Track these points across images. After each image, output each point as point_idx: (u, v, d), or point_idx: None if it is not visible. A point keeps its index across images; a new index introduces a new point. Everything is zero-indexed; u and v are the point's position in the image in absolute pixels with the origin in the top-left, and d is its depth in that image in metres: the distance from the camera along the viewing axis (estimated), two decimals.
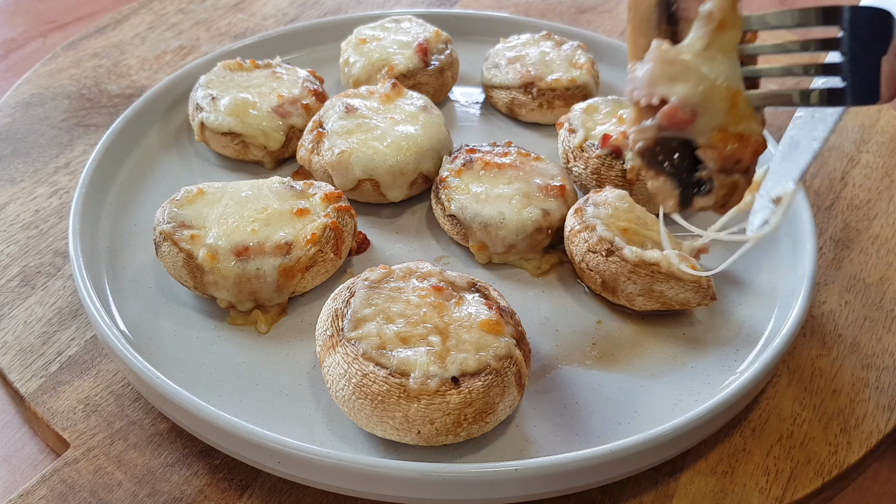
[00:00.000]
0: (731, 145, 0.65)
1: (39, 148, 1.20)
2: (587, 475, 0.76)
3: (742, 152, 0.66)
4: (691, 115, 0.65)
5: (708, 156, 0.67)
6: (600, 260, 0.93)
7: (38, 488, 0.78)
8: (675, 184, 0.70)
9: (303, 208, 0.95)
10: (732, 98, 0.65)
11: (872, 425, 0.87)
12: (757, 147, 0.67)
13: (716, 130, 0.66)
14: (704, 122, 0.66)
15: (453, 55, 1.29)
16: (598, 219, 0.95)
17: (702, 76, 0.65)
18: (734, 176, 0.67)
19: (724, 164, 0.66)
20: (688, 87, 0.65)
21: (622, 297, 0.93)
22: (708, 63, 0.66)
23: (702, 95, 0.65)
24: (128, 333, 0.90)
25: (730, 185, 0.67)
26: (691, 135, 0.67)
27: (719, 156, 0.66)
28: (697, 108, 0.65)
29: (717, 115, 0.65)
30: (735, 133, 0.66)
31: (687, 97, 0.65)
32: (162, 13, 1.55)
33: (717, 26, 0.66)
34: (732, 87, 0.66)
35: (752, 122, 0.67)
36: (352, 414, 0.78)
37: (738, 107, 0.66)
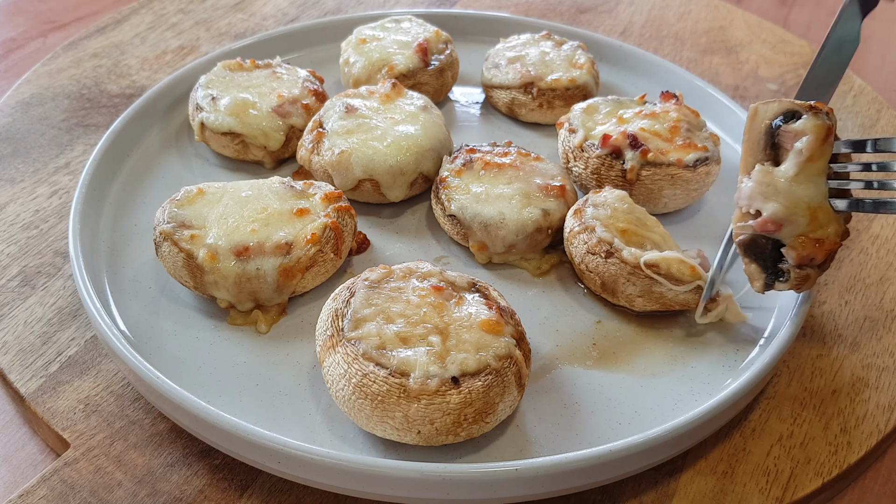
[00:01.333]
0: (808, 249, 0.84)
1: (39, 148, 1.20)
2: (587, 475, 0.76)
3: (816, 252, 0.84)
4: (777, 226, 0.84)
5: (789, 254, 0.84)
6: (599, 261, 0.93)
7: (38, 488, 0.78)
8: (762, 270, 0.87)
9: (303, 208, 0.95)
10: (813, 213, 0.83)
11: (872, 425, 0.87)
12: (831, 247, 0.84)
13: (797, 236, 0.84)
14: (788, 231, 0.84)
15: (453, 55, 1.29)
16: (597, 220, 0.95)
17: (789, 197, 0.84)
18: (807, 270, 0.85)
19: (801, 261, 0.84)
20: (776, 206, 0.84)
21: (622, 298, 0.93)
22: (797, 186, 0.84)
23: (786, 212, 0.83)
24: (128, 333, 0.90)
25: (803, 277, 0.85)
26: (779, 237, 0.85)
27: (797, 255, 0.84)
28: (783, 221, 0.83)
29: (798, 227, 0.84)
30: (813, 238, 0.83)
31: (775, 213, 0.84)
32: (162, 13, 1.55)
33: (806, 159, 0.83)
34: (814, 204, 0.83)
35: (830, 226, 0.84)
36: (352, 414, 0.78)
37: (817, 219, 0.83)
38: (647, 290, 0.91)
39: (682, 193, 1.05)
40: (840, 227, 0.84)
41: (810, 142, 0.83)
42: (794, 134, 0.84)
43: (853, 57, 1.02)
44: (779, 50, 1.51)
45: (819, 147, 0.84)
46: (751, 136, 0.89)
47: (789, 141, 0.85)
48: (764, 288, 0.87)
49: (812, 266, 0.84)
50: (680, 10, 1.64)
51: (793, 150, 0.84)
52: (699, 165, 1.04)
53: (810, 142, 0.83)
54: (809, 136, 0.83)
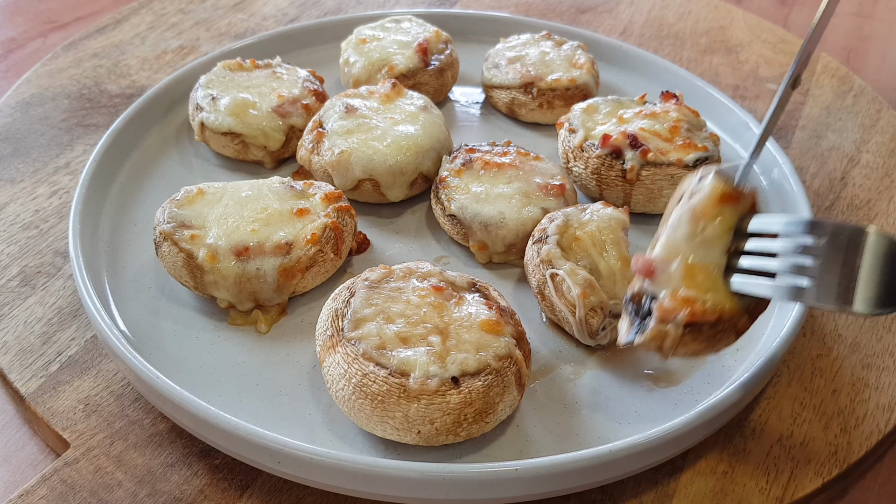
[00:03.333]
0: (674, 303, 0.78)
1: (39, 148, 1.20)
2: (587, 475, 0.76)
3: (680, 308, 0.77)
4: (649, 269, 0.79)
5: (655, 306, 0.79)
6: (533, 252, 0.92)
7: (38, 488, 0.78)
8: (630, 324, 0.82)
9: (303, 208, 0.95)
10: (690, 270, 0.78)
11: (872, 425, 0.87)
12: (700, 313, 0.77)
13: (671, 291, 0.78)
14: (661, 280, 0.79)
15: (453, 55, 1.29)
16: (555, 222, 0.94)
17: (670, 245, 0.79)
18: (666, 326, 0.78)
19: (663, 314, 0.78)
20: (660, 251, 0.80)
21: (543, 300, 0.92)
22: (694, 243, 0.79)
23: (663, 260, 0.79)
24: (128, 333, 0.90)
25: (660, 332, 0.78)
26: (655, 289, 0.80)
27: (660, 307, 0.78)
28: (657, 265, 0.79)
29: (671, 279, 0.79)
30: (683, 297, 0.78)
31: (656, 257, 0.80)
32: (162, 13, 1.55)
33: (693, 214, 0.79)
34: (695, 263, 0.79)
35: (710, 294, 0.78)
36: (352, 414, 0.78)
37: (694, 279, 0.78)
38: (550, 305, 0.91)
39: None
40: (728, 305, 0.78)
41: (702, 195, 0.79)
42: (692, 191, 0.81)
43: (853, 57, 1.01)
44: (779, 50, 1.51)
45: (711, 204, 0.79)
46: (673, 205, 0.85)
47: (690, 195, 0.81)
48: (624, 342, 0.82)
49: (675, 324, 0.77)
50: (680, 10, 1.64)
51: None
52: (699, 165, 1.04)
53: (702, 195, 0.79)
54: (703, 191, 0.79)
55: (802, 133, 1.30)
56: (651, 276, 0.80)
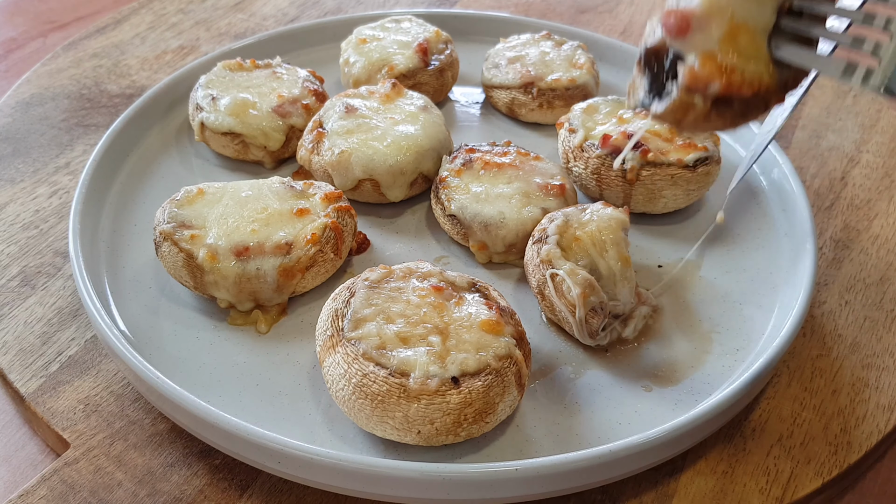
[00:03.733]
0: (707, 68, 0.65)
1: (39, 148, 1.20)
2: (587, 475, 0.76)
3: (716, 76, 0.65)
4: (685, 25, 0.65)
5: (683, 70, 0.67)
6: (533, 250, 0.92)
7: (38, 488, 0.78)
8: (648, 84, 0.70)
9: (303, 208, 0.95)
10: (733, 29, 0.65)
11: (872, 425, 0.87)
12: (736, 85, 0.65)
13: (704, 53, 0.65)
14: (696, 41, 0.66)
15: (453, 55, 1.29)
16: (555, 223, 0.93)
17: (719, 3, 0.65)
18: (695, 98, 0.66)
19: (693, 83, 0.66)
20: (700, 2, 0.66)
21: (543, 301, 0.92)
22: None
23: (704, 15, 0.65)
24: (128, 333, 0.90)
25: (685, 103, 0.67)
26: (684, 49, 0.66)
27: (690, 73, 0.66)
28: (693, 20, 0.65)
29: (709, 39, 0.65)
30: (720, 62, 0.65)
31: (691, 10, 0.65)
32: (162, 13, 1.55)
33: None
34: (740, 20, 0.65)
35: (752, 63, 0.66)
36: (352, 414, 0.78)
37: (736, 40, 0.65)
38: (542, 289, 0.91)
39: (682, 193, 1.05)
40: (766, 78, 0.66)
41: None
42: None
43: None
44: None
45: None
46: None
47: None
48: (637, 104, 0.71)
49: (705, 96, 0.66)
50: None
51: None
52: (699, 165, 1.04)
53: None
54: None
55: (802, 133, 1.30)
56: (685, 33, 0.66)
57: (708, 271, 1.01)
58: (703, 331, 0.94)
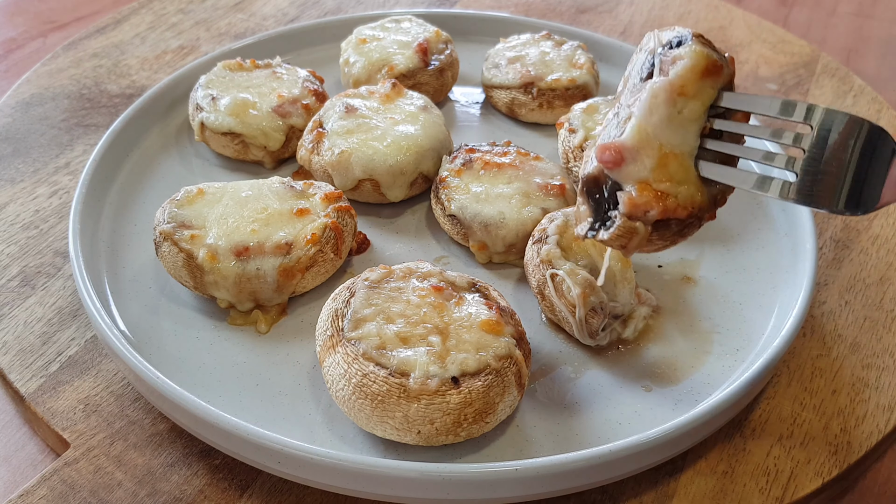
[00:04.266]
0: (644, 196, 0.70)
1: (39, 148, 1.20)
2: (587, 475, 0.76)
3: (653, 204, 0.70)
4: (618, 157, 0.71)
5: (622, 199, 0.72)
6: (534, 252, 0.92)
7: (38, 488, 0.78)
8: (592, 213, 0.75)
9: (303, 208, 0.95)
10: (663, 158, 0.70)
11: (872, 425, 0.87)
12: (672, 209, 0.70)
13: (639, 182, 0.71)
14: (630, 171, 0.71)
15: (453, 55, 1.29)
16: (556, 222, 0.93)
17: (648, 135, 0.71)
18: (636, 223, 0.71)
19: (632, 210, 0.71)
20: (630, 137, 0.71)
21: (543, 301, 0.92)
22: (662, 124, 0.71)
23: (635, 147, 0.71)
24: (128, 333, 0.90)
25: (628, 229, 0.72)
26: (620, 179, 0.72)
27: (629, 201, 0.71)
28: (626, 153, 0.71)
29: (641, 169, 0.71)
30: (655, 190, 0.70)
31: (623, 143, 0.71)
32: (162, 13, 1.55)
33: (675, 90, 0.71)
34: (668, 149, 0.70)
35: (684, 186, 0.71)
36: (352, 414, 0.78)
37: (667, 168, 0.70)
38: (550, 306, 0.91)
39: None
40: (699, 198, 0.71)
41: (683, 68, 0.70)
42: (671, 59, 0.71)
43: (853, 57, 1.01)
44: (779, 50, 1.51)
45: (693, 79, 0.70)
46: (633, 65, 0.77)
47: (666, 67, 0.72)
48: (585, 233, 0.75)
49: (645, 221, 0.70)
50: (680, 10, 1.64)
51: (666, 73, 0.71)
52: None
53: (683, 68, 0.70)
54: (684, 60, 0.70)
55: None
56: (619, 165, 0.71)
57: (708, 271, 1.01)
58: (703, 331, 0.94)
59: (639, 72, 0.76)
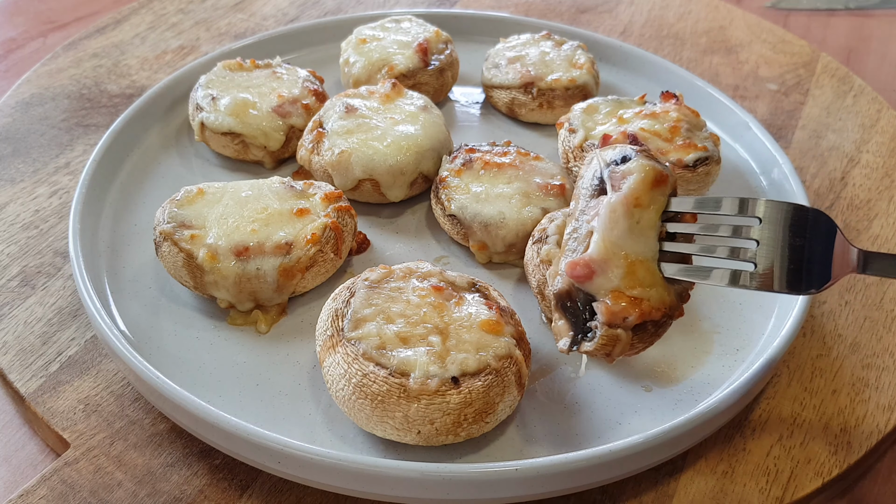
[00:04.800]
0: (620, 305, 0.75)
1: (39, 148, 1.20)
2: (587, 475, 0.76)
3: (629, 310, 0.75)
4: (588, 272, 0.76)
5: (599, 309, 0.76)
6: (533, 251, 0.92)
7: (38, 488, 0.78)
8: (571, 327, 0.79)
9: (303, 208, 0.95)
10: (631, 267, 0.76)
11: (872, 425, 0.87)
12: (648, 312, 0.75)
13: (612, 291, 0.76)
14: (601, 283, 0.76)
15: (453, 55, 1.29)
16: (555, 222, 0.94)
17: (613, 247, 0.76)
18: (617, 331, 0.75)
19: (611, 319, 0.75)
20: (596, 251, 0.77)
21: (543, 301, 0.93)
22: (624, 235, 0.77)
23: (602, 260, 0.76)
24: (128, 333, 0.90)
25: (611, 337, 0.76)
26: (592, 291, 0.77)
27: (607, 311, 0.75)
28: (595, 266, 0.76)
29: (611, 279, 0.76)
30: (629, 296, 0.75)
31: (591, 258, 0.77)
32: (162, 13, 1.55)
33: (630, 202, 0.77)
34: (634, 257, 0.76)
35: (654, 289, 0.76)
36: (352, 414, 0.78)
37: (635, 275, 0.76)
38: (542, 289, 0.90)
39: (682, 193, 1.05)
40: (668, 298, 0.77)
41: (635, 181, 0.77)
42: (621, 175, 0.79)
43: (853, 57, 1.01)
44: (779, 50, 1.51)
45: (645, 191, 0.77)
46: (582, 181, 0.84)
47: (617, 183, 0.79)
48: (569, 346, 0.78)
49: (625, 327, 0.75)
50: (680, 10, 1.64)
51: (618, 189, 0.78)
52: (699, 165, 1.04)
53: (635, 181, 0.77)
54: (634, 175, 0.78)
55: (802, 133, 1.30)
56: (590, 278, 0.76)
57: None
58: (703, 331, 0.94)
59: (588, 188, 0.82)
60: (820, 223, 0.76)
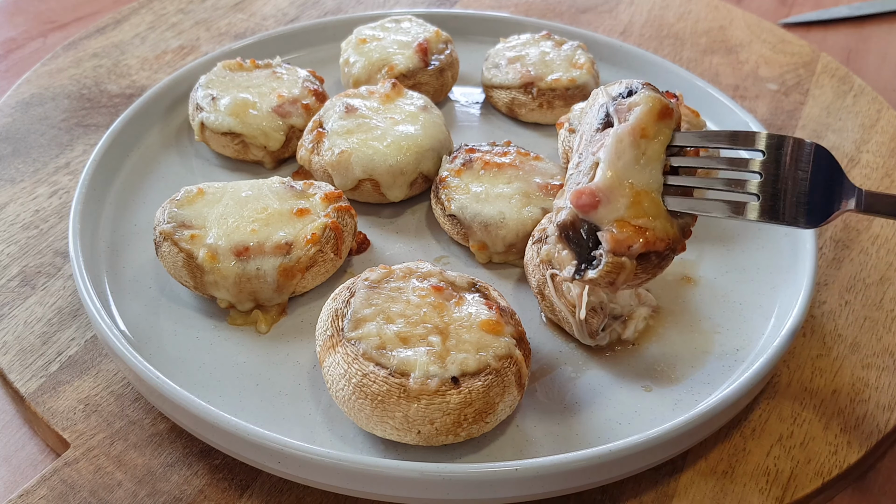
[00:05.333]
0: (625, 232, 0.75)
1: (39, 148, 1.20)
2: (587, 475, 0.76)
3: (634, 238, 0.75)
4: (593, 201, 0.76)
5: (604, 238, 0.76)
6: (534, 250, 0.92)
7: (38, 488, 0.78)
8: (575, 256, 0.79)
9: (303, 208, 0.95)
10: (636, 196, 0.76)
11: (872, 425, 0.87)
12: (652, 241, 0.75)
13: (617, 220, 0.76)
14: (606, 212, 0.76)
15: (453, 55, 1.29)
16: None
17: (619, 176, 0.76)
18: (622, 258, 0.75)
19: (616, 247, 0.75)
20: (602, 180, 0.77)
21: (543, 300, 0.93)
22: (629, 165, 0.77)
23: (609, 189, 0.76)
24: (128, 333, 0.90)
25: (615, 265, 0.76)
26: (597, 220, 0.77)
27: (612, 239, 0.75)
28: (601, 196, 0.76)
29: (617, 209, 0.76)
30: (634, 225, 0.75)
31: (597, 187, 0.76)
32: (162, 13, 1.55)
33: (637, 132, 0.77)
34: (639, 187, 0.76)
35: (658, 220, 0.76)
36: (352, 414, 0.78)
37: (641, 205, 0.76)
38: (550, 306, 0.91)
39: None
40: (671, 230, 0.77)
41: (641, 112, 0.78)
42: (627, 107, 0.79)
43: (853, 57, 1.02)
44: (779, 50, 1.51)
45: (652, 122, 0.78)
46: (586, 116, 0.84)
47: (622, 115, 0.79)
48: (573, 275, 0.79)
49: (629, 256, 0.76)
50: (680, 10, 1.64)
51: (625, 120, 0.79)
52: None
53: (641, 112, 0.78)
54: (641, 106, 0.78)
55: (802, 133, 1.30)
56: (596, 207, 0.76)
57: (708, 271, 1.01)
58: (703, 331, 0.94)
59: (593, 123, 0.82)
60: (822, 157, 0.76)
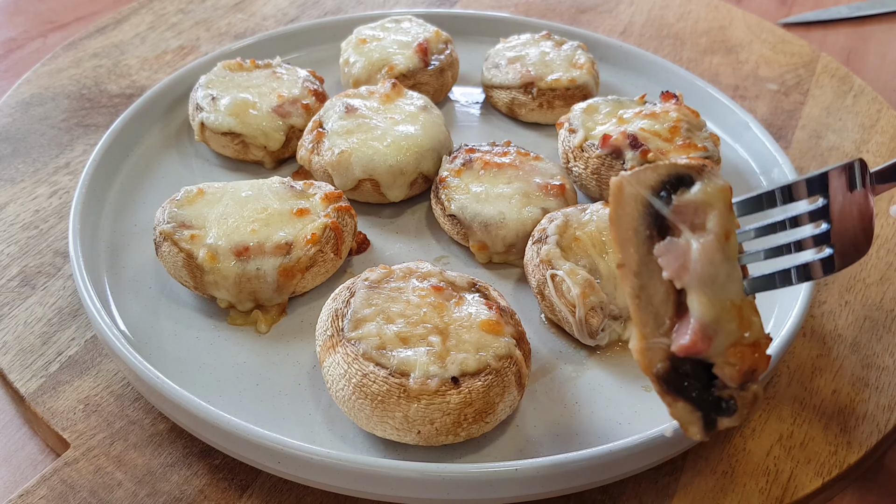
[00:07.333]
0: (748, 359, 0.63)
1: (39, 148, 1.20)
2: (587, 475, 0.76)
3: (758, 361, 0.63)
4: (707, 341, 0.62)
5: (726, 374, 0.63)
6: (533, 252, 0.92)
7: (38, 488, 0.78)
8: (695, 407, 0.66)
9: (303, 208, 0.95)
10: (739, 311, 0.63)
11: (872, 425, 0.87)
12: (766, 354, 0.64)
13: (728, 348, 0.63)
14: (718, 344, 0.63)
15: (453, 55, 1.29)
16: (555, 223, 0.93)
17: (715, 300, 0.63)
18: (752, 387, 0.64)
19: (744, 378, 0.64)
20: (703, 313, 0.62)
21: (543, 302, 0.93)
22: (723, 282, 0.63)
23: (716, 319, 0.63)
24: (128, 333, 0.90)
25: (752, 398, 0.64)
26: (710, 357, 0.64)
27: (738, 372, 0.63)
28: (712, 331, 0.63)
29: (729, 335, 0.63)
30: (748, 344, 0.63)
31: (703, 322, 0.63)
32: (162, 13, 1.55)
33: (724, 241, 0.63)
34: (737, 299, 0.63)
35: (755, 319, 0.64)
36: (352, 414, 0.78)
37: (744, 318, 0.63)
38: (550, 306, 0.91)
39: None
40: (759, 319, 0.65)
41: (721, 215, 0.63)
42: (692, 208, 0.63)
43: (853, 57, 1.01)
44: (779, 50, 1.51)
45: (730, 220, 0.64)
46: (622, 222, 0.65)
47: (687, 218, 0.64)
48: (705, 431, 0.65)
49: (755, 380, 0.64)
50: (680, 10, 1.64)
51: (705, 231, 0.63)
52: None
53: (721, 215, 0.63)
54: (714, 206, 0.63)
55: (802, 133, 1.30)
56: (710, 344, 0.62)
57: None
58: None
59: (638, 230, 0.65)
60: (865, 172, 0.67)
